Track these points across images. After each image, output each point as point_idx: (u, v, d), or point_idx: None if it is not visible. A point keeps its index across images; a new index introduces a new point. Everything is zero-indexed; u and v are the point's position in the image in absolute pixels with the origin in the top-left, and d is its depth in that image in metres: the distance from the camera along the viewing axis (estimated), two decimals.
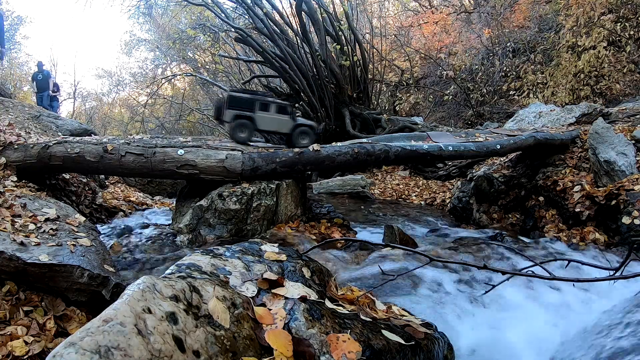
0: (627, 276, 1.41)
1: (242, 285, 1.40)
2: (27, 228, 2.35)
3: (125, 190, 6.49)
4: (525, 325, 2.16)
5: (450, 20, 14.49)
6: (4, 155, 3.74)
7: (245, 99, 3.62)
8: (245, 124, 3.60)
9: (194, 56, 19.09)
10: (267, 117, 3.65)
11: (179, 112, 18.78)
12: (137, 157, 3.59)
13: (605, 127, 4.27)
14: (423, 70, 14.77)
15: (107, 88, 26.97)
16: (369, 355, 1.29)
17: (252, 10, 9.97)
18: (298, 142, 3.83)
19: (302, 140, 3.84)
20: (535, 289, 2.49)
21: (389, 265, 2.89)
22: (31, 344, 1.73)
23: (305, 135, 3.85)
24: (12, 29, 20.46)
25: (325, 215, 4.25)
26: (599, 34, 9.67)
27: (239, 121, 3.58)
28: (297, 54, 10.09)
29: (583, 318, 2.23)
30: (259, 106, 3.66)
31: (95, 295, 2.05)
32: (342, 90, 10.66)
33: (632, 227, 3.40)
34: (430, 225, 4.90)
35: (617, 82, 9.66)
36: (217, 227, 3.38)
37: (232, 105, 3.58)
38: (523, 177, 4.87)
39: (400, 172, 8.84)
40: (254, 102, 3.62)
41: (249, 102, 3.58)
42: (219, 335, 1.14)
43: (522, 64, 11.79)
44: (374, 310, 1.64)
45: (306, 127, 3.90)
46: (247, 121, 3.60)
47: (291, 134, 3.83)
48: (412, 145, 4.06)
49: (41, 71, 10.74)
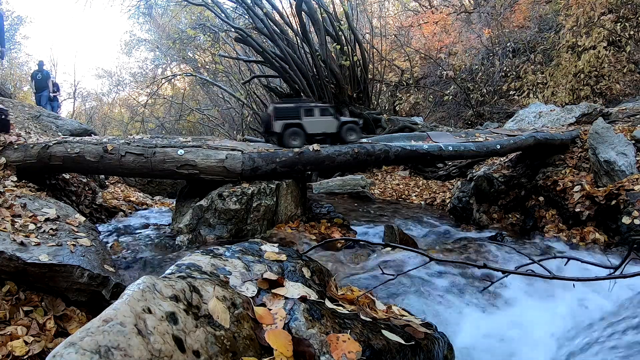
0: (627, 275, 1.41)
1: (242, 285, 1.40)
2: (27, 228, 2.35)
3: (125, 190, 6.49)
4: (525, 324, 2.16)
5: (450, 20, 14.49)
6: (4, 155, 3.74)
7: (290, 108, 3.81)
8: (297, 131, 3.76)
9: (194, 56, 19.09)
10: (314, 121, 3.83)
11: (179, 112, 18.79)
12: (137, 157, 3.59)
13: (605, 127, 4.27)
14: (423, 70, 14.77)
15: (107, 88, 27.00)
16: (369, 355, 1.29)
17: (252, 10, 9.97)
18: (346, 139, 3.95)
19: (350, 136, 3.96)
20: (535, 288, 2.49)
21: (389, 265, 2.89)
22: (31, 344, 1.73)
23: (352, 131, 3.99)
24: (12, 29, 20.46)
25: (325, 215, 4.25)
26: (599, 34, 9.67)
27: (290, 129, 3.74)
28: (297, 54, 10.10)
29: (583, 317, 2.23)
30: (304, 112, 3.83)
31: (95, 295, 2.05)
32: (342, 90, 10.66)
33: (632, 227, 3.40)
34: (430, 225, 4.90)
35: (617, 82, 9.65)
36: (217, 227, 3.38)
37: (280, 116, 3.75)
38: (523, 177, 4.87)
39: (400, 172, 8.84)
40: (299, 109, 3.80)
41: (294, 110, 3.77)
42: (219, 335, 1.14)
43: (522, 64, 11.79)
44: (374, 310, 1.64)
45: (351, 123, 4.04)
46: (297, 128, 3.77)
47: (339, 132, 3.96)
48: (412, 145, 4.07)
49: (41, 70, 10.67)
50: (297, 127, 3.76)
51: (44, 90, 10.43)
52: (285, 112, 3.78)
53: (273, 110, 3.79)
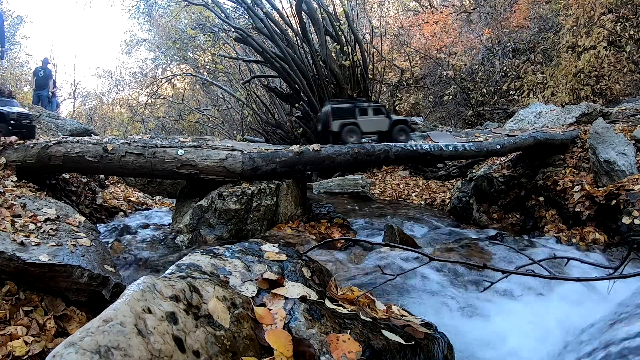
0: (627, 275, 1.41)
1: (242, 285, 1.40)
2: (27, 228, 2.35)
3: (125, 190, 6.49)
4: (525, 324, 2.16)
5: (450, 20, 14.48)
6: (4, 155, 3.74)
7: (347, 108, 4.02)
8: (353, 129, 3.96)
9: (194, 56, 19.08)
10: (368, 120, 4.03)
11: (179, 112, 18.77)
12: (137, 157, 3.59)
13: (605, 127, 4.27)
14: (423, 70, 14.76)
15: (107, 88, 26.98)
16: (369, 355, 1.29)
17: (252, 10, 9.97)
18: (397, 138, 4.13)
19: (400, 135, 4.15)
20: (535, 288, 2.49)
21: (389, 265, 2.89)
22: (31, 344, 1.73)
23: (402, 131, 4.19)
24: (12, 29, 20.46)
25: (325, 215, 4.25)
26: (599, 34, 9.67)
27: (347, 128, 3.94)
28: (297, 54, 10.09)
29: (582, 317, 2.23)
30: (359, 112, 4.03)
31: (95, 295, 2.05)
32: (342, 90, 10.65)
33: (632, 227, 3.40)
34: (430, 225, 4.90)
35: (617, 82, 9.65)
36: (217, 227, 3.38)
37: (337, 116, 3.96)
38: (523, 177, 4.87)
39: (400, 172, 8.84)
40: (355, 109, 4.01)
41: (350, 110, 3.99)
42: (219, 335, 1.14)
43: (522, 64, 11.79)
44: (374, 310, 1.64)
45: (402, 123, 4.23)
46: (354, 127, 3.96)
47: (390, 130, 4.13)
48: (412, 145, 4.07)
49: (44, 68, 10.52)
50: (353, 126, 3.95)
51: (44, 89, 10.33)
52: (341, 112, 3.98)
53: (330, 111, 3.97)
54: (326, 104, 4.26)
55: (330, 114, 3.95)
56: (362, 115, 4.03)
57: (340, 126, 3.93)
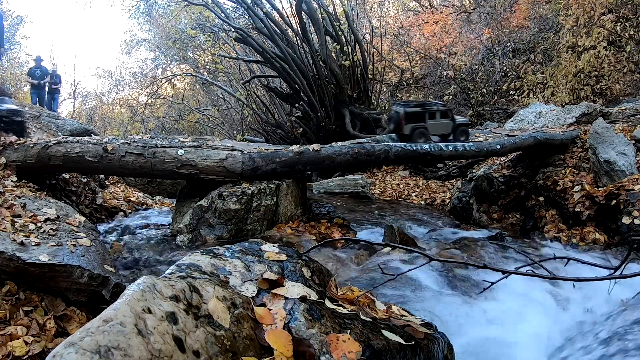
0: (627, 275, 1.41)
1: (242, 285, 1.40)
2: (27, 228, 2.35)
3: (125, 190, 6.49)
4: (525, 325, 2.17)
5: (450, 20, 14.48)
6: (4, 155, 3.74)
7: (418, 112, 4.30)
8: (423, 132, 4.24)
9: (194, 56, 19.07)
10: (436, 124, 4.30)
11: (179, 112, 18.76)
12: (137, 157, 3.59)
13: (605, 127, 4.27)
14: (423, 70, 14.76)
15: (107, 88, 26.94)
16: (369, 355, 1.29)
17: (252, 10, 9.97)
18: (458, 139, 4.39)
19: (461, 137, 4.40)
20: (535, 288, 2.49)
21: (389, 265, 2.89)
22: (31, 344, 1.73)
23: (464, 132, 4.44)
24: (12, 29, 20.46)
25: (325, 215, 4.25)
26: (599, 34, 9.67)
27: (418, 131, 4.22)
28: (297, 54, 10.09)
29: (582, 317, 2.23)
30: (428, 116, 4.31)
31: (95, 295, 2.05)
32: (342, 90, 10.65)
33: (632, 227, 3.40)
34: (430, 225, 4.90)
35: (617, 82, 9.65)
36: (217, 227, 3.38)
37: (409, 120, 4.23)
38: (523, 177, 4.87)
39: (400, 172, 8.83)
40: (425, 114, 4.29)
41: (420, 114, 4.27)
42: (219, 335, 1.14)
43: (522, 64, 11.78)
44: (374, 310, 1.64)
45: (464, 125, 4.50)
46: (423, 130, 4.25)
47: (453, 132, 4.40)
48: (412, 145, 4.07)
49: (39, 67, 10.21)
50: (423, 129, 4.25)
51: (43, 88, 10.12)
52: (413, 116, 4.27)
53: (404, 115, 4.26)
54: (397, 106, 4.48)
55: (403, 118, 4.25)
56: (431, 119, 4.30)
57: (411, 130, 4.22)
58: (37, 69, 10.20)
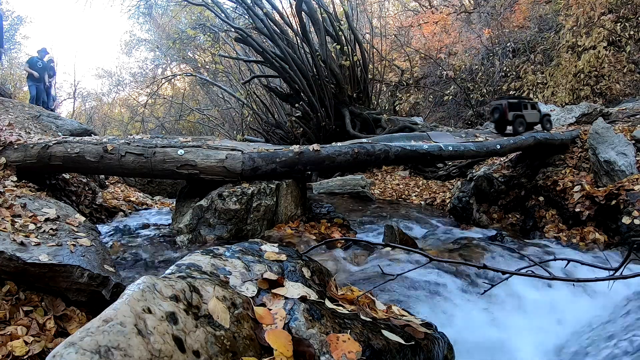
0: (627, 276, 1.41)
1: (242, 285, 1.40)
2: (27, 228, 2.35)
3: (125, 190, 6.49)
4: (525, 325, 2.17)
5: (450, 20, 14.48)
6: (4, 155, 3.74)
7: (516, 103, 4.89)
8: (521, 120, 4.81)
9: (194, 56, 19.06)
10: (529, 113, 4.86)
11: (179, 112, 18.75)
12: (137, 157, 3.59)
13: (605, 127, 4.27)
14: (423, 70, 14.76)
15: (107, 88, 26.90)
16: (369, 355, 1.29)
17: (252, 10, 9.96)
18: (546, 127, 4.95)
19: (547, 125, 4.97)
20: (535, 289, 2.49)
21: (389, 265, 2.89)
22: (31, 344, 1.73)
23: (548, 121, 4.99)
24: (12, 29, 20.43)
25: (325, 215, 4.24)
26: (599, 34, 9.67)
27: (518, 120, 4.80)
28: (297, 54, 10.08)
29: (582, 318, 2.23)
30: (524, 106, 4.88)
31: (95, 295, 2.05)
32: (342, 90, 10.65)
33: (632, 227, 3.40)
34: (430, 225, 4.90)
35: (617, 82, 9.65)
36: (217, 227, 3.38)
37: (511, 109, 4.82)
38: (523, 177, 4.87)
39: (400, 172, 8.83)
40: (521, 104, 4.88)
41: (519, 105, 4.86)
42: (219, 335, 1.14)
43: (522, 64, 11.79)
44: (374, 310, 1.64)
45: (547, 115, 5.06)
46: (522, 119, 4.81)
47: (541, 121, 4.95)
48: (412, 145, 4.06)
49: (42, 59, 9.92)
50: (521, 118, 4.82)
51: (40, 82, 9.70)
52: (514, 106, 4.84)
53: (507, 105, 4.83)
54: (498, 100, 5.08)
55: (506, 107, 4.83)
56: (526, 109, 4.86)
57: (513, 117, 4.78)
58: (39, 61, 9.82)
